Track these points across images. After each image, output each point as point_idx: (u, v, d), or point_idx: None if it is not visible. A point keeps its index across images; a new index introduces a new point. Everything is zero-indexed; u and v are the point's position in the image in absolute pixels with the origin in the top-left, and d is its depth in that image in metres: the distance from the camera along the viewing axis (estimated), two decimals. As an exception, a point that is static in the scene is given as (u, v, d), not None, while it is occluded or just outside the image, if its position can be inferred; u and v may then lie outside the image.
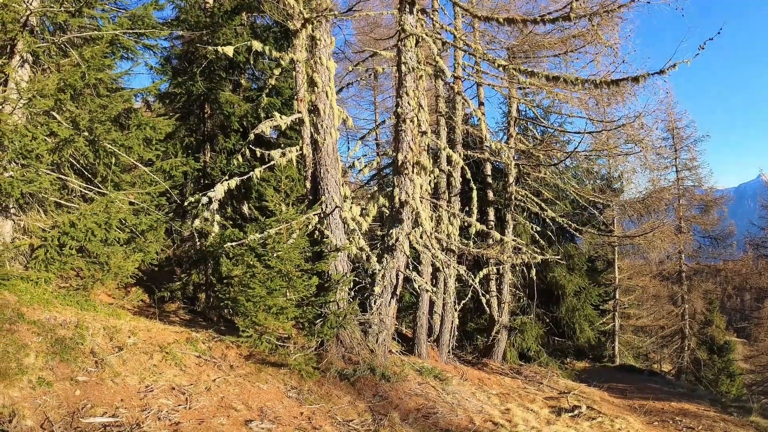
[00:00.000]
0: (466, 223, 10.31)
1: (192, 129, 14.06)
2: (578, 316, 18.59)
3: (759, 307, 38.39)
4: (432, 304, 13.79)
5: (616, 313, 26.22)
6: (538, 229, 17.57)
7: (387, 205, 9.92)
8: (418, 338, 12.72)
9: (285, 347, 8.32)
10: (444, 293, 13.38)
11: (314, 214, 8.44)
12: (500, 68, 9.01)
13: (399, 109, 9.32)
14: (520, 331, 17.28)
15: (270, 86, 11.60)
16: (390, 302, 9.08)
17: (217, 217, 7.80)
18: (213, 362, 7.84)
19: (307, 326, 8.05)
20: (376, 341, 8.78)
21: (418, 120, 9.53)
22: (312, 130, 8.86)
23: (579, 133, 16.89)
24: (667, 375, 27.17)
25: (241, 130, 13.39)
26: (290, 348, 8.39)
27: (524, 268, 18.08)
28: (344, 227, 8.74)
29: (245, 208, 13.94)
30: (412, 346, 13.17)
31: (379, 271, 8.62)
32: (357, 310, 8.23)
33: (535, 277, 15.27)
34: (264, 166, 8.52)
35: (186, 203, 8.48)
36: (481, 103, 17.49)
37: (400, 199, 9.19)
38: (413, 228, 9.25)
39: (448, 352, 13.89)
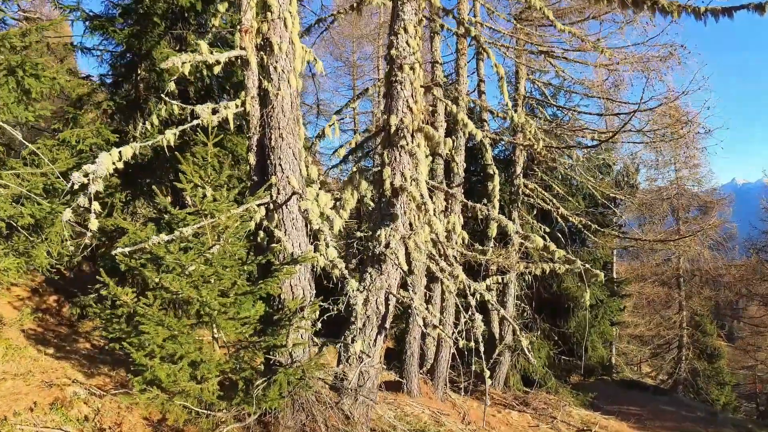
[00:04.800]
0: (488, 224, 7.27)
1: (125, 96, 10.90)
2: (593, 332, 15.71)
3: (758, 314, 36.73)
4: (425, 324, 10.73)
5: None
6: (547, 230, 14.70)
7: (372, 193, 6.83)
8: (409, 371, 9.70)
9: (211, 415, 5.22)
10: (442, 313, 10.41)
11: (258, 204, 5.33)
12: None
13: (393, 51, 6.23)
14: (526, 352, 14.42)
15: (212, 29, 8.47)
16: (375, 340, 6.01)
17: (96, 205, 4.68)
18: (92, 445, 4.74)
19: (242, 387, 4.93)
20: (355, 401, 5.70)
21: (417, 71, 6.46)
22: (261, 77, 5.75)
23: (601, 114, 14.06)
24: (662, 386, 25.44)
25: (178, 92, 10.19)
26: (219, 415, 5.29)
27: (529, 276, 15.27)
28: (306, 226, 5.64)
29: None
30: (399, 377, 10.20)
31: (360, 293, 5.55)
32: (322, 363, 5.12)
33: (547, 289, 12.33)
34: (180, 128, 5.34)
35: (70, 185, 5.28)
36: (481, 80, 14.53)
37: (392, 183, 6.10)
38: (411, 230, 6.16)
39: (445, 384, 10.89)
